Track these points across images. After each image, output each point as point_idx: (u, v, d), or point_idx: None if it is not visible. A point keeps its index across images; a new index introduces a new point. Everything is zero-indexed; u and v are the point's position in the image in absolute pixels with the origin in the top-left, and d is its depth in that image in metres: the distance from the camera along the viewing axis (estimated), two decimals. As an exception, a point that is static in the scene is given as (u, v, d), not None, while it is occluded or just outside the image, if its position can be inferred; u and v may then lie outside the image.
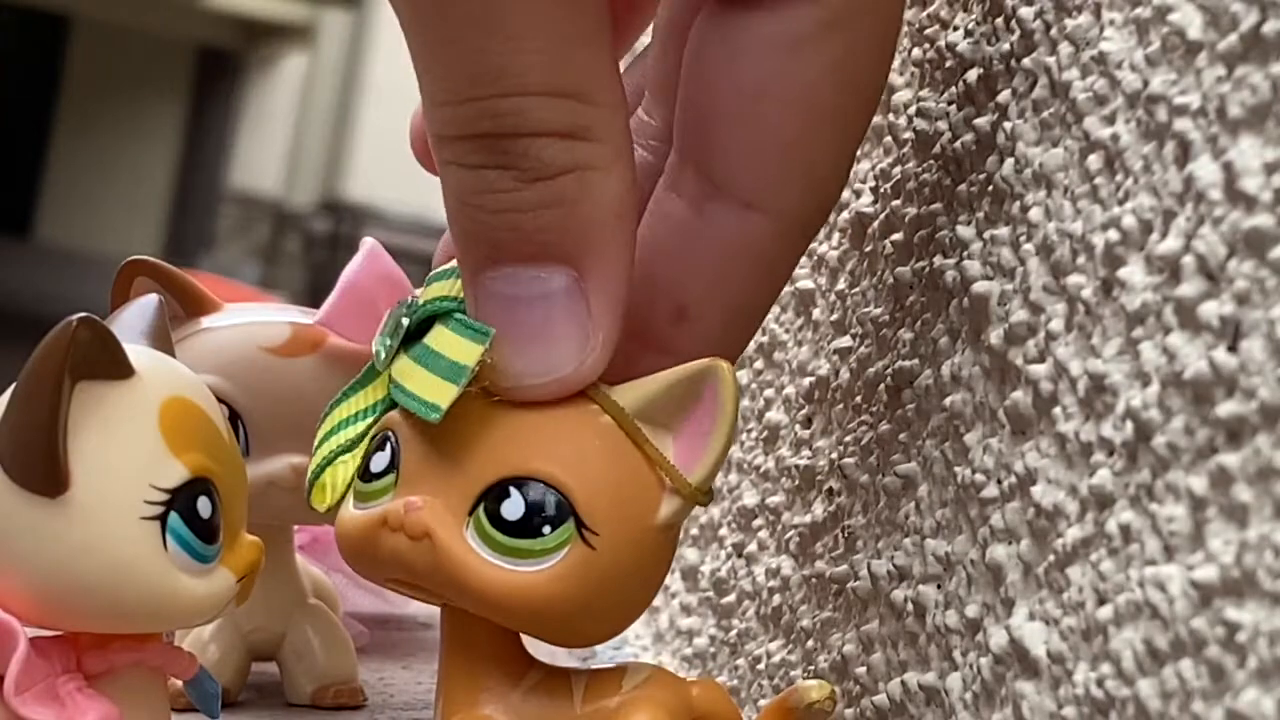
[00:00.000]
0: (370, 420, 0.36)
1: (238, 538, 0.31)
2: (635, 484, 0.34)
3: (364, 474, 0.36)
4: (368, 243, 0.46)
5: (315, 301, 0.48)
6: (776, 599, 0.46)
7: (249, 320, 0.45)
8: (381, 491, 0.35)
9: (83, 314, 0.29)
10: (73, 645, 0.30)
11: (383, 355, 0.36)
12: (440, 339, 0.35)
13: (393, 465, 0.35)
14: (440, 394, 0.34)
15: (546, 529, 0.34)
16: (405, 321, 0.35)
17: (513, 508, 0.34)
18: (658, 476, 0.34)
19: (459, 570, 0.34)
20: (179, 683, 0.33)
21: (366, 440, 0.36)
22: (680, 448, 0.35)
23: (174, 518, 0.29)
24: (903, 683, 0.38)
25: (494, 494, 0.34)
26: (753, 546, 0.48)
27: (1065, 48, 0.35)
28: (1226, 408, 0.28)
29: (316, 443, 0.37)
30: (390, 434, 0.35)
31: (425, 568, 0.34)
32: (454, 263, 0.36)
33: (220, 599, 0.31)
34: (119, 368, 0.29)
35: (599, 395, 0.35)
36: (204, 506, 0.30)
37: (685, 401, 0.35)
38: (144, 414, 0.29)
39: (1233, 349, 0.29)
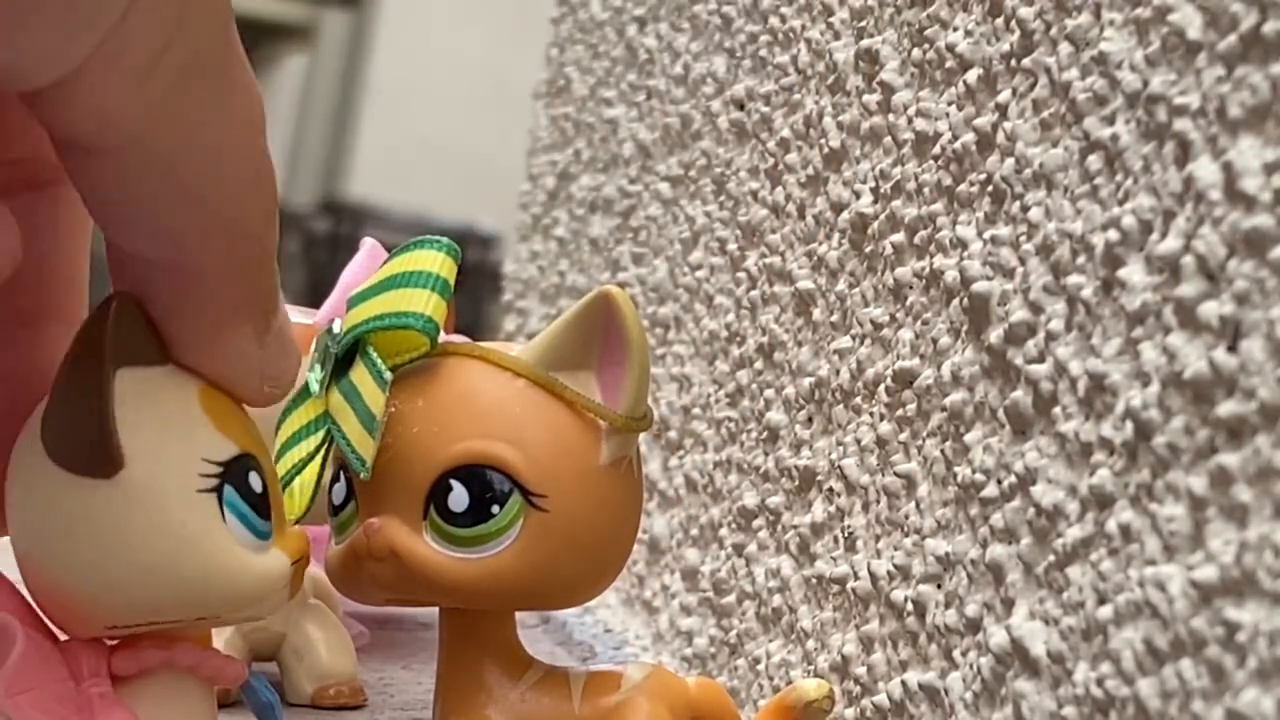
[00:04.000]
0: (316, 436, 0.36)
1: (284, 523, 0.31)
2: (568, 435, 0.35)
3: (331, 509, 0.36)
4: (368, 243, 0.46)
5: (315, 301, 0.48)
6: (776, 599, 0.46)
7: (249, 320, 0.45)
8: (349, 521, 0.36)
9: (121, 292, 0.29)
10: (105, 649, 0.30)
11: (315, 387, 0.36)
12: (359, 374, 0.35)
13: (350, 494, 0.36)
14: (364, 446, 0.34)
15: (496, 508, 0.34)
16: (333, 350, 0.36)
17: (457, 499, 0.34)
18: (588, 419, 0.35)
19: (430, 576, 0.34)
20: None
21: (321, 454, 0.36)
22: (603, 382, 0.35)
23: (229, 490, 0.29)
24: (903, 682, 0.38)
25: (438, 492, 0.34)
26: (752, 547, 0.48)
27: (1065, 48, 0.35)
28: (1226, 408, 0.28)
29: (275, 456, 0.37)
30: (344, 463, 0.36)
31: (401, 582, 0.35)
32: (372, 280, 0.36)
33: (279, 579, 0.30)
34: (151, 353, 0.29)
35: (506, 360, 0.35)
36: (255, 481, 0.29)
37: (590, 336, 0.35)
38: (184, 395, 0.29)
39: (1233, 349, 0.29)
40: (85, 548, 0.28)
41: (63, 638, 0.30)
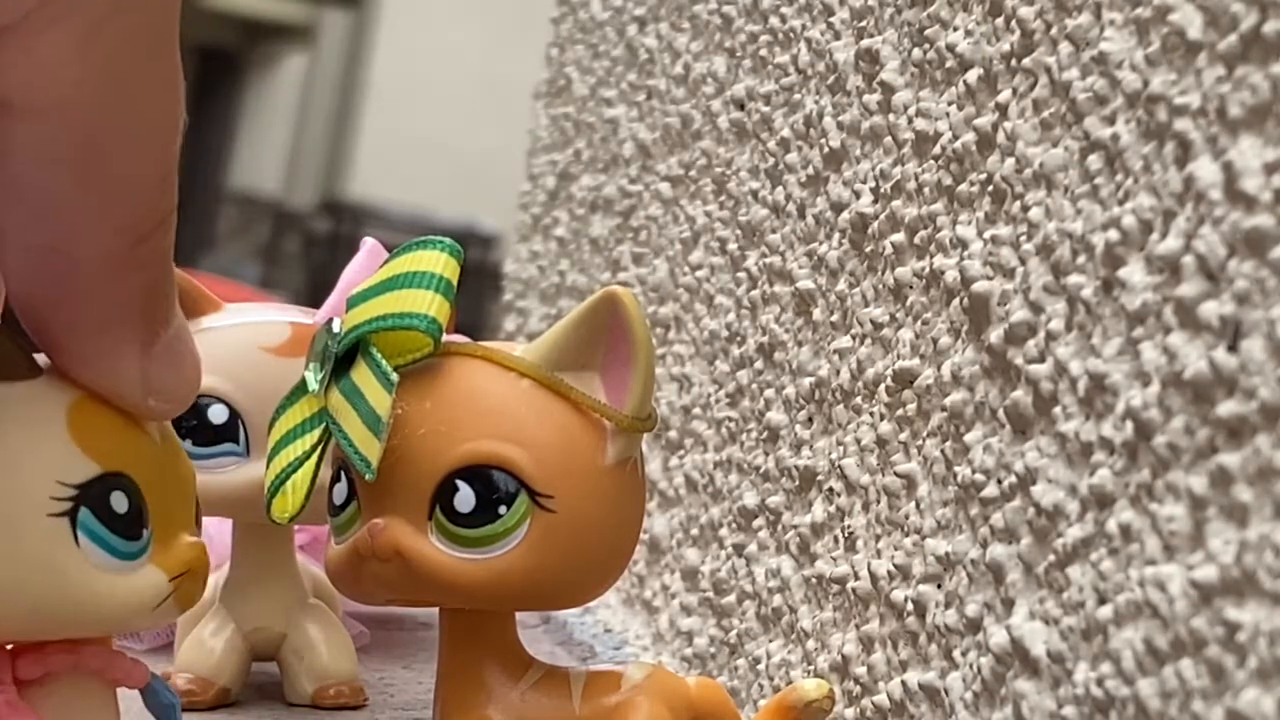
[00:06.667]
0: (312, 434, 0.36)
1: (175, 538, 0.30)
2: (573, 435, 0.35)
3: (331, 509, 0.36)
4: (368, 243, 0.46)
5: (315, 301, 0.48)
6: (776, 599, 0.46)
7: (249, 320, 0.45)
8: (350, 521, 0.36)
9: None
10: (7, 654, 0.29)
11: (314, 385, 0.36)
12: (362, 374, 0.35)
13: (352, 494, 0.35)
14: (369, 448, 0.34)
15: (503, 508, 0.34)
16: (333, 350, 0.36)
17: (464, 500, 0.34)
18: (594, 420, 0.35)
19: (435, 576, 0.34)
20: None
21: (316, 453, 0.36)
22: (608, 382, 0.35)
23: (84, 513, 0.28)
24: (903, 682, 0.38)
25: (444, 492, 0.34)
26: (753, 547, 0.48)
27: (1065, 48, 0.35)
28: (1226, 408, 0.28)
29: (269, 455, 0.37)
30: (345, 463, 0.36)
31: (405, 583, 0.35)
32: (373, 279, 0.36)
33: (149, 597, 0.29)
34: (19, 368, 0.29)
35: (511, 360, 0.35)
36: (119, 502, 0.29)
37: (595, 336, 0.35)
38: (49, 413, 0.29)
39: (1233, 349, 0.29)
40: None
41: None
